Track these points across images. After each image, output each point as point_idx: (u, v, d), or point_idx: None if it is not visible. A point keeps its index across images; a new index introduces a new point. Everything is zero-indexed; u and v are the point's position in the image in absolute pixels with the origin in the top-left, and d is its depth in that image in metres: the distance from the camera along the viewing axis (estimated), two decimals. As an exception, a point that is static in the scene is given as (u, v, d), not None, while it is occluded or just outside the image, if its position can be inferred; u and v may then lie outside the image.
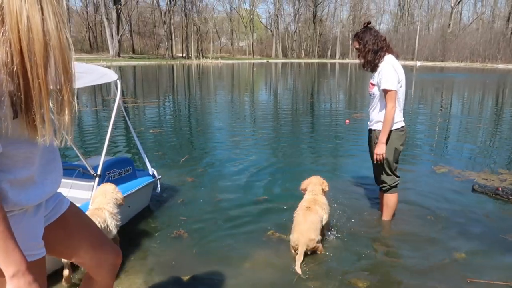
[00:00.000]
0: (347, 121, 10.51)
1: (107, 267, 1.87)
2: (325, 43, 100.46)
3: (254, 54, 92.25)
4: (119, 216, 3.32)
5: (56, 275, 3.00)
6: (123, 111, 4.41)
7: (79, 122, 10.54)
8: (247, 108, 14.47)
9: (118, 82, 3.89)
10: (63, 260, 2.88)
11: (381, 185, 4.11)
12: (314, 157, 7.21)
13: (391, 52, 3.84)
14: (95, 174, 3.52)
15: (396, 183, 4.05)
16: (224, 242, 3.77)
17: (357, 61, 4.07)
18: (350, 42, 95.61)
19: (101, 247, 1.84)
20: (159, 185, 4.53)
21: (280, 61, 77.98)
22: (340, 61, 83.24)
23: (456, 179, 5.64)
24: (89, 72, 3.61)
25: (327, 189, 3.89)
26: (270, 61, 75.01)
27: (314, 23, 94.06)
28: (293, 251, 3.43)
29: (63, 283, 2.96)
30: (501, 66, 62.68)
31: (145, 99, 15.71)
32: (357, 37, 3.88)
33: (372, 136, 4.01)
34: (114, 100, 3.99)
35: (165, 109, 14.05)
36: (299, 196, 4.71)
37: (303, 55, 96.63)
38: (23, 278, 1.18)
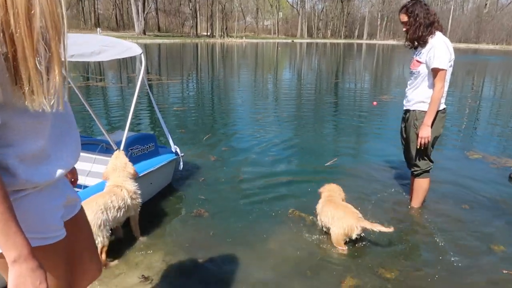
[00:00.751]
0: (375, 102, 10.16)
1: (88, 281, 1.72)
2: (352, 22, 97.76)
3: (279, 33, 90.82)
4: (139, 194, 3.26)
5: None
6: (147, 86, 4.31)
7: (105, 97, 10.63)
8: (271, 88, 14.24)
9: (143, 56, 3.79)
10: None
11: (412, 169, 3.90)
12: (340, 137, 6.99)
13: (440, 29, 3.54)
14: (117, 150, 3.46)
15: (430, 167, 3.83)
16: (243, 222, 3.69)
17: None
18: (379, 22, 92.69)
19: (93, 257, 1.71)
20: (181, 163, 4.47)
21: (306, 41, 76.50)
22: (368, 41, 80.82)
23: (491, 165, 5.34)
24: (113, 46, 3.53)
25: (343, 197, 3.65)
26: (295, 41, 73.70)
27: (341, 2, 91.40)
28: (342, 241, 3.22)
29: None
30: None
31: (169, 77, 15.68)
32: (406, 9, 3.56)
33: (409, 116, 3.73)
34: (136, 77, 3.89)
35: (189, 87, 13.99)
36: (320, 176, 4.58)
37: (329, 35, 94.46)
38: (25, 263, 1.07)
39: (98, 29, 54.83)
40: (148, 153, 3.96)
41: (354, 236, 3.17)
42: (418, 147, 3.67)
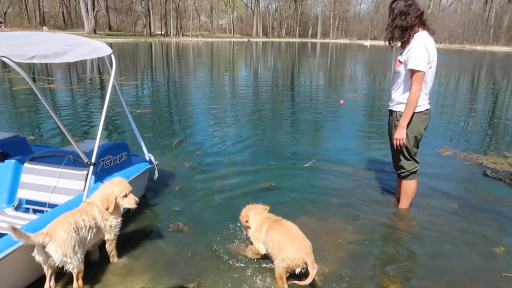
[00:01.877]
0: (342, 101, 10.20)
1: None
2: (306, 22, 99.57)
3: (235, 32, 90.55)
4: (116, 215, 2.89)
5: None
6: (117, 90, 3.91)
7: (55, 102, 9.86)
8: (231, 86, 13.97)
9: (113, 56, 3.41)
10: (45, 268, 2.48)
11: (399, 171, 3.83)
12: (314, 137, 6.88)
13: (427, 28, 3.46)
14: (89, 162, 3.07)
15: (416, 169, 3.77)
16: (224, 234, 3.41)
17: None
18: (331, 21, 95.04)
19: None
20: (156, 172, 4.13)
21: (261, 39, 76.80)
22: (321, 40, 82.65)
23: (465, 162, 5.44)
24: (80, 45, 3.14)
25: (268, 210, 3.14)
26: (251, 39, 73.73)
27: (295, 1, 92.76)
28: (287, 273, 2.69)
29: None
30: (479, 47, 63.65)
31: (123, 78, 14.93)
32: (390, 6, 3.54)
33: (392, 118, 3.69)
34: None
35: (145, 88, 13.37)
36: (303, 179, 4.44)
37: (284, 34, 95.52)
38: None
39: (44, 27, 51.81)
40: (121, 163, 3.59)
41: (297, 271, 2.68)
42: (395, 148, 3.67)
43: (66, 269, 2.51)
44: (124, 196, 2.84)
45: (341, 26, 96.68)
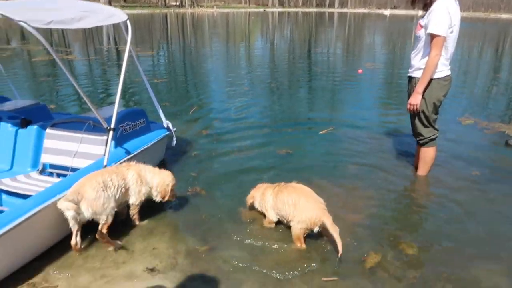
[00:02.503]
0: (360, 70, 9.99)
1: None
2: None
3: (250, 2, 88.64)
4: (150, 186, 3.04)
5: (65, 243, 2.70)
6: (135, 58, 3.90)
7: (73, 72, 9.95)
8: (247, 56, 13.82)
9: (128, 23, 3.39)
10: (72, 224, 2.58)
11: (417, 138, 3.76)
12: (328, 105, 6.81)
13: None
14: (108, 128, 3.12)
15: (435, 136, 3.70)
16: (238, 198, 3.41)
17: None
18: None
19: None
20: (174, 139, 4.18)
21: (277, 10, 75.08)
22: (339, 10, 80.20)
23: (486, 131, 5.31)
24: (96, 12, 3.12)
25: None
26: (266, 10, 72.15)
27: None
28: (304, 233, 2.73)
29: (74, 250, 2.67)
30: (504, 16, 60.87)
31: (140, 48, 14.89)
32: None
33: (411, 84, 3.60)
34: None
35: (162, 58, 13.35)
36: (320, 145, 4.42)
37: (300, 3, 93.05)
38: None
39: (58, -1, 51.65)
40: (140, 129, 3.63)
41: (315, 230, 2.71)
42: (409, 113, 3.60)
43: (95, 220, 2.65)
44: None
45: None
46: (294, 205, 2.74)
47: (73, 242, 2.63)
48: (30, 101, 4.10)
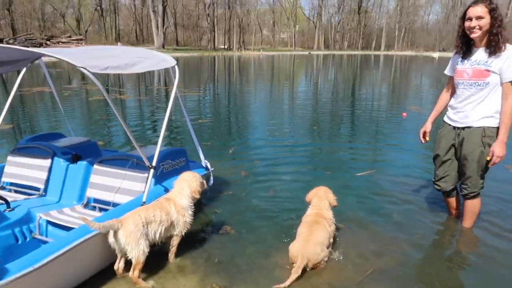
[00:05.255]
0: (405, 114, 9.82)
1: None
2: (369, 34, 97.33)
3: (296, 46, 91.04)
4: (190, 213, 3.15)
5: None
6: (180, 100, 4.15)
7: (124, 111, 10.61)
8: (290, 97, 14.04)
9: (176, 68, 3.65)
10: (117, 251, 2.76)
11: (470, 191, 3.49)
12: (367, 150, 6.71)
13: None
14: (150, 166, 3.29)
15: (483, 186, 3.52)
16: (268, 243, 3.43)
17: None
18: (396, 33, 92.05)
19: None
20: (211, 178, 4.29)
21: (322, 52, 76.37)
22: (385, 52, 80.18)
23: (540, 182, 4.98)
24: (148, 57, 3.42)
25: (335, 203, 3.36)
26: (312, 52, 73.67)
27: (359, 14, 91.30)
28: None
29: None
30: None
31: (187, 89, 15.66)
32: (493, 14, 3.05)
33: (470, 134, 3.33)
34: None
35: (207, 99, 13.91)
36: (354, 191, 4.35)
37: (346, 46, 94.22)
38: None
39: (118, 43, 55.92)
40: (180, 168, 3.78)
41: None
42: (489, 165, 3.32)
43: (127, 257, 2.76)
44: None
45: (406, 37, 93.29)
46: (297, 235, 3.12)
47: (115, 266, 2.85)
48: (83, 138, 4.42)
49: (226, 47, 73.71)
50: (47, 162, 3.73)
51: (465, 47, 3.34)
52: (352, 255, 3.21)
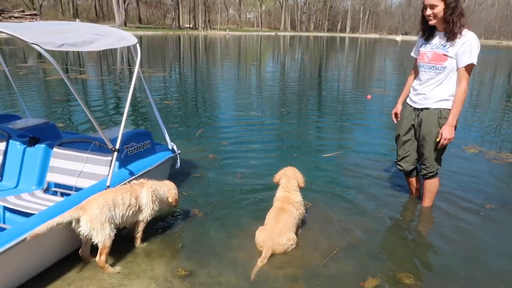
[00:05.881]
0: (369, 96, 10.03)
1: None
2: (335, 16, 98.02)
3: (262, 26, 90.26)
4: (159, 200, 3.15)
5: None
6: (143, 80, 4.00)
7: (85, 92, 10.18)
8: (257, 79, 13.98)
9: (138, 46, 3.49)
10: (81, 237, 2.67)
11: (428, 171, 3.61)
12: (332, 132, 6.83)
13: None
14: (113, 148, 3.17)
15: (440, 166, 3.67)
16: (244, 222, 3.44)
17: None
18: (361, 15, 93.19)
19: None
20: (178, 161, 4.20)
21: (289, 33, 76.25)
22: (351, 35, 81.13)
23: (494, 161, 5.25)
24: (107, 35, 3.23)
25: (303, 184, 3.37)
26: (278, 33, 73.35)
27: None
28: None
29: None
30: (516, 43, 60.93)
31: (152, 69, 15.20)
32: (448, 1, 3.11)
33: (431, 116, 3.41)
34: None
35: (172, 79, 13.59)
36: (321, 171, 4.41)
37: (312, 28, 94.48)
38: None
39: (77, 19, 53.14)
40: (144, 151, 3.68)
41: None
42: (438, 147, 3.43)
43: (93, 242, 2.67)
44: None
45: (371, 20, 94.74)
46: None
47: (80, 252, 2.80)
48: (40, 120, 4.19)
49: (191, 26, 71.98)
50: (1, 146, 3.51)
51: (428, 30, 3.41)
52: (318, 236, 3.27)
